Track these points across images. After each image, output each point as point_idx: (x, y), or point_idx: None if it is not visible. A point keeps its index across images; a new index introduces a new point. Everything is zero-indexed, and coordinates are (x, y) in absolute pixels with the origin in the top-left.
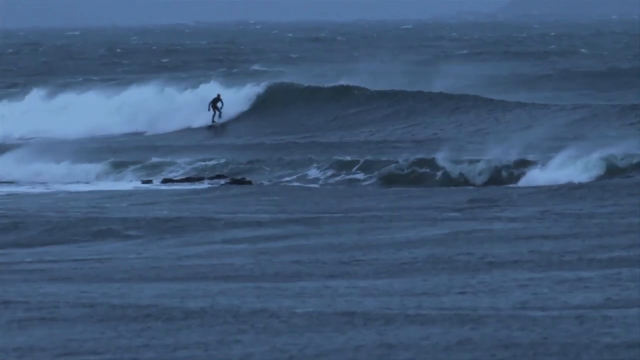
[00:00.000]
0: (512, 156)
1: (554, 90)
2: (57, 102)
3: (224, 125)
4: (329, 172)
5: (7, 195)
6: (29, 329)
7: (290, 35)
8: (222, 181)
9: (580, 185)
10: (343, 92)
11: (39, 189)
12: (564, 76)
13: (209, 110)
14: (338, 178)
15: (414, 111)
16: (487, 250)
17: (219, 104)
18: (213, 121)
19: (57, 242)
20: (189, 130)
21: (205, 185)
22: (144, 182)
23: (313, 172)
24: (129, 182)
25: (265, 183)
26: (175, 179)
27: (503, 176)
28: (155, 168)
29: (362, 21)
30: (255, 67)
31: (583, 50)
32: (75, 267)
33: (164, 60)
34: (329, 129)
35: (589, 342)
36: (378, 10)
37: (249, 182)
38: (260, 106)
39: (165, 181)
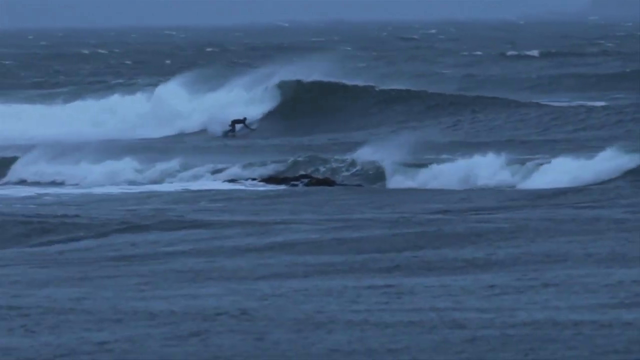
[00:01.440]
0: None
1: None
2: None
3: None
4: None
5: (86, 194)
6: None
7: (385, 34)
8: (300, 182)
9: None
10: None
11: (112, 189)
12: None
13: (229, 126)
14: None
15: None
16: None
17: (238, 126)
18: (227, 133)
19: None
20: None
21: (285, 186)
22: (227, 181)
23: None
24: (212, 182)
25: (347, 183)
26: (259, 179)
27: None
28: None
29: (450, 20)
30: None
31: None
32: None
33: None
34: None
35: None
36: (464, 9)
37: (333, 182)
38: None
39: (269, 180)
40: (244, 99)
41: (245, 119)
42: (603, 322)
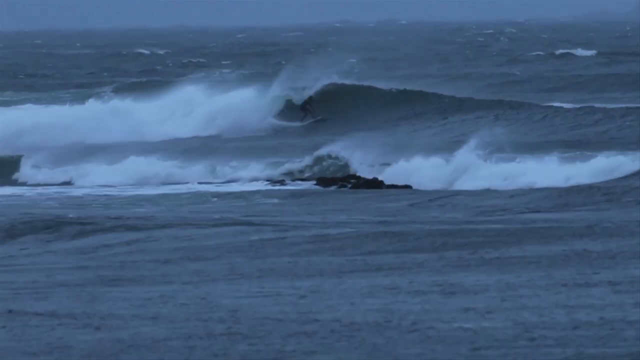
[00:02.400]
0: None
1: None
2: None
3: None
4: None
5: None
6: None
7: (440, 35)
8: (348, 183)
9: None
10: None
11: (157, 190)
12: None
13: (301, 109)
14: None
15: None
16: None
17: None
18: (303, 116)
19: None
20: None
21: (334, 186)
22: (274, 182)
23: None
24: (257, 182)
25: (396, 184)
26: (305, 178)
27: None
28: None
29: (507, 21)
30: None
31: None
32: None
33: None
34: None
35: None
36: (518, 11)
37: (381, 183)
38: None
39: (318, 181)
40: (253, 102)
41: (310, 97)
42: None
